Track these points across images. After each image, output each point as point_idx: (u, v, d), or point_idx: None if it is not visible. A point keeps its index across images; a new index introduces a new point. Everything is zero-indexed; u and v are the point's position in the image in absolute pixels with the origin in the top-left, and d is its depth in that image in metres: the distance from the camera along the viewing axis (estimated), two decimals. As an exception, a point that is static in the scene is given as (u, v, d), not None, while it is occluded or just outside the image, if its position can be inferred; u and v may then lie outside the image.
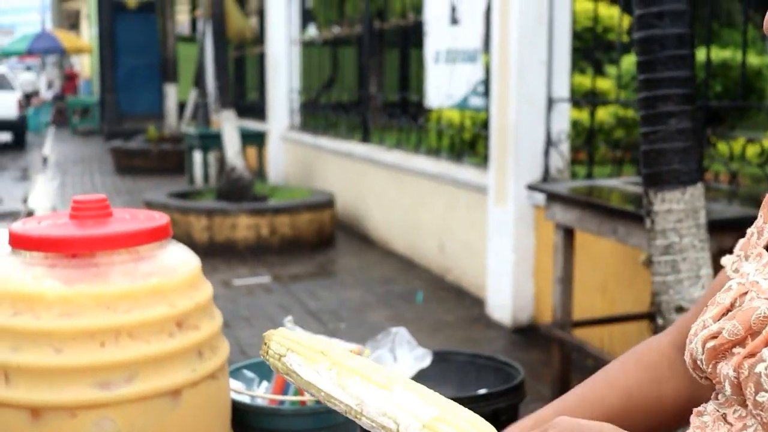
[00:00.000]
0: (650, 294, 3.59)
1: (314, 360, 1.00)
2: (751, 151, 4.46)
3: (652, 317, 3.64)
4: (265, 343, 1.07)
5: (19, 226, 1.37)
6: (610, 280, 4.50)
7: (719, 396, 0.97)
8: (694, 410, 1.01)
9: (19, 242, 1.33)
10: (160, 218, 1.41)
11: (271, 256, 7.37)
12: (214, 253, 7.27)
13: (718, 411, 0.96)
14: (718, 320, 0.94)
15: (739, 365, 0.89)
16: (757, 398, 0.85)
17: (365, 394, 0.95)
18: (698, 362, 0.97)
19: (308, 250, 7.59)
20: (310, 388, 1.02)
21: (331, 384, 0.98)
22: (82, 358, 1.25)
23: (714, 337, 0.93)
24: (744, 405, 0.90)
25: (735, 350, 0.90)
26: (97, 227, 1.35)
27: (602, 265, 4.56)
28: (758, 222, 1.04)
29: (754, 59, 7.48)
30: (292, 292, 6.18)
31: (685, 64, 2.28)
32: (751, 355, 0.87)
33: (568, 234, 3.87)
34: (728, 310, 0.94)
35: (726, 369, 0.91)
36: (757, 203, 3.61)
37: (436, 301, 5.91)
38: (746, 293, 0.93)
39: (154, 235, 1.36)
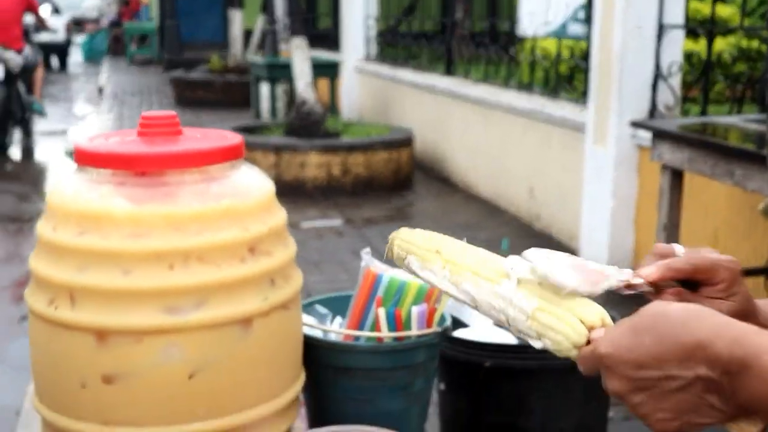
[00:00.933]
0: (768, 245, 3.54)
1: (430, 260, 1.12)
2: None
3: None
4: (390, 246, 1.19)
5: (86, 142, 1.43)
6: (722, 230, 4.44)
7: None
8: None
9: (86, 159, 1.38)
10: (233, 137, 1.46)
11: (343, 197, 7.45)
12: (282, 193, 7.24)
13: None
14: None
15: None
16: None
17: (476, 291, 1.07)
18: None
19: (384, 192, 7.64)
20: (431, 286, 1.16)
21: (446, 282, 1.10)
22: (150, 280, 1.30)
23: None
24: None
25: None
26: (166, 144, 1.40)
27: (714, 213, 4.50)
28: None
29: None
30: (365, 237, 6.25)
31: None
32: None
33: (677, 177, 3.82)
34: None
35: None
36: None
37: (523, 248, 5.91)
38: None
39: (227, 155, 1.40)
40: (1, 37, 9.43)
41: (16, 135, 10.02)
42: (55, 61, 21.80)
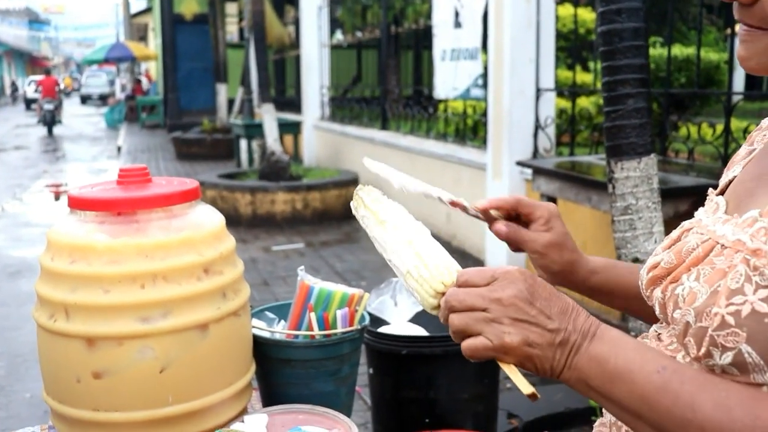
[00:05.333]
0: (618, 251, 3.58)
1: (372, 215, 1.09)
2: (711, 134, 4.43)
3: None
4: (354, 198, 1.14)
5: (76, 190, 1.40)
6: (588, 241, 4.49)
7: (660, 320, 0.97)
8: (639, 336, 1.01)
9: (75, 204, 1.36)
10: (191, 183, 1.43)
11: (305, 226, 7.41)
12: (257, 224, 7.32)
13: (656, 332, 0.96)
14: (666, 250, 0.94)
15: (665, 288, 0.90)
16: (673, 314, 0.86)
17: (387, 241, 1.04)
18: (642, 286, 0.97)
19: (336, 221, 7.62)
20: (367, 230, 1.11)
21: (375, 230, 1.07)
22: (126, 297, 1.27)
23: (654, 266, 0.93)
24: (668, 323, 0.91)
25: (668, 278, 0.91)
26: (138, 191, 1.37)
27: (582, 230, 4.55)
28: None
29: (714, 55, 7.40)
30: (321, 256, 6.22)
31: (640, 53, 2.27)
32: (675, 280, 0.88)
33: (552, 202, 3.86)
34: (674, 243, 0.94)
35: (657, 292, 0.92)
36: (711, 175, 3.59)
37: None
38: (691, 229, 0.93)
39: (186, 197, 1.38)
40: (49, 94, 20.75)
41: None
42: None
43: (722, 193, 0.97)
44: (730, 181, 0.97)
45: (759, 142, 0.97)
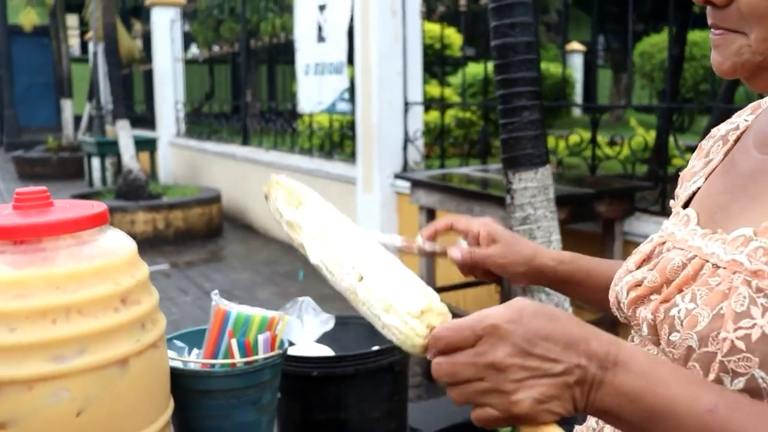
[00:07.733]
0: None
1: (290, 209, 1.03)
2: (560, 145, 4.68)
3: (500, 282, 3.72)
4: (268, 191, 1.08)
5: (-35, 218, 1.24)
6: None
7: (635, 338, 0.94)
8: None
9: (-33, 233, 1.21)
10: (98, 206, 1.31)
11: (168, 246, 7.13)
12: (117, 246, 6.97)
13: None
14: (639, 267, 0.92)
15: (655, 309, 0.86)
16: (670, 338, 0.83)
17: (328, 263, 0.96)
18: (621, 305, 0.93)
19: (200, 240, 7.38)
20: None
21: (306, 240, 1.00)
22: (36, 335, 1.14)
23: (637, 285, 0.90)
24: (657, 344, 0.87)
25: (653, 297, 0.88)
26: (41, 216, 1.24)
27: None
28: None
29: (557, 70, 7.79)
30: (188, 277, 5.99)
31: (533, 66, 2.32)
32: (666, 300, 0.85)
33: (431, 214, 3.89)
34: (648, 257, 0.92)
35: (644, 313, 0.88)
36: (580, 184, 3.74)
37: (316, 277, 5.82)
38: (664, 243, 0.91)
39: (95, 221, 1.26)
40: None
41: None
42: None
43: (686, 205, 0.97)
44: (694, 193, 0.97)
45: (716, 152, 0.98)
